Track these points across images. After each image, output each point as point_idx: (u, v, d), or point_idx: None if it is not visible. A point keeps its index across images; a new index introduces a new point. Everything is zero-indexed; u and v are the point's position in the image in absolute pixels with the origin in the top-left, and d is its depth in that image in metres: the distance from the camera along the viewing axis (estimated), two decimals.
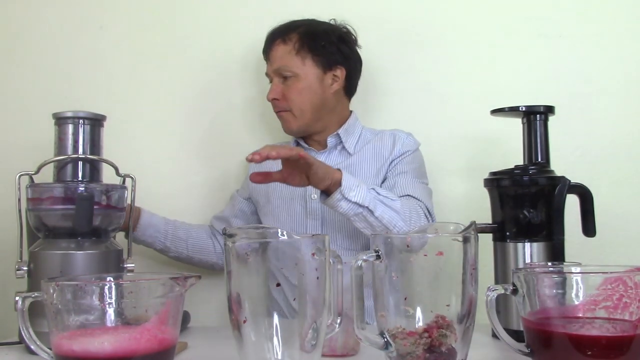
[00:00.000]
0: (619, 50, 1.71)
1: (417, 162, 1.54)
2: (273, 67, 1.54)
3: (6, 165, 1.74)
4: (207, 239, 1.62)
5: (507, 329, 0.89)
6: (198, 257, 1.60)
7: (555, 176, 1.18)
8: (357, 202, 1.24)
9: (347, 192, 1.23)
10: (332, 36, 1.55)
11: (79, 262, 1.04)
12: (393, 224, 1.28)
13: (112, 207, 1.09)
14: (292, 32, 1.53)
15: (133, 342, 0.75)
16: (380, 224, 1.27)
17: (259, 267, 0.78)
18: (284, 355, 0.77)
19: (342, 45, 1.56)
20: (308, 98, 1.51)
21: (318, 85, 1.52)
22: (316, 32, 1.54)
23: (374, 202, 1.26)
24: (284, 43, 1.53)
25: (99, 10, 1.82)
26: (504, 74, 1.73)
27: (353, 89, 1.62)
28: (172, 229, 1.55)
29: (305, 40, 1.52)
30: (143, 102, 1.80)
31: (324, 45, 1.53)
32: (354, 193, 1.23)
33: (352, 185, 1.24)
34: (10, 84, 1.82)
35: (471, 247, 0.81)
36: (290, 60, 1.51)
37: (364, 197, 1.24)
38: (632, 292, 0.79)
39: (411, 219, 1.31)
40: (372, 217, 1.26)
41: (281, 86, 1.53)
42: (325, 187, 1.24)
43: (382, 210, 1.27)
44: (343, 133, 1.56)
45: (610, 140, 1.70)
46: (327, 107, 1.55)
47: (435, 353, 0.79)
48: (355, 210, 1.25)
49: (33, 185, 1.08)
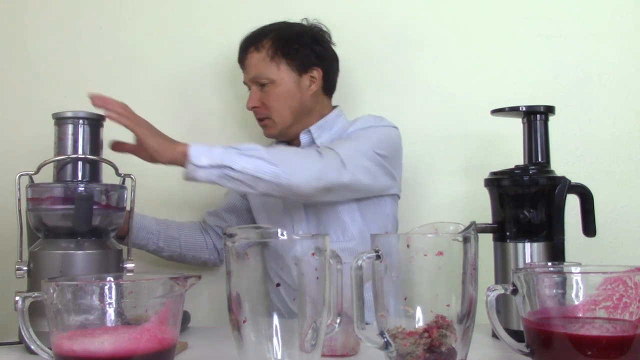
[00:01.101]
0: (619, 50, 1.71)
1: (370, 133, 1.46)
2: (249, 75, 1.54)
3: (6, 165, 1.75)
4: (199, 235, 1.62)
5: (507, 329, 0.89)
6: (191, 255, 1.61)
7: (555, 176, 1.18)
8: (211, 165, 1.18)
9: (196, 159, 1.17)
10: (304, 38, 1.53)
11: (78, 262, 1.04)
12: (262, 171, 1.20)
13: (111, 207, 1.09)
14: (264, 39, 1.52)
15: (133, 342, 0.75)
16: (247, 176, 1.20)
17: (258, 267, 0.78)
18: (283, 355, 0.77)
19: (316, 46, 1.54)
20: (287, 103, 1.51)
21: (296, 89, 1.52)
22: (288, 35, 1.53)
23: (230, 157, 1.19)
24: (257, 51, 1.52)
25: (99, 11, 1.82)
26: (504, 74, 1.73)
27: (332, 87, 1.60)
28: (164, 229, 1.56)
29: (278, 46, 1.51)
30: (142, 102, 1.80)
31: (297, 48, 1.51)
32: (206, 157, 1.17)
33: (202, 152, 1.18)
34: (10, 84, 1.81)
35: (471, 247, 0.81)
36: (265, 67, 1.51)
37: (217, 157, 1.18)
38: (632, 292, 0.79)
39: (298, 161, 1.26)
40: (234, 172, 1.19)
41: (259, 94, 1.52)
42: (167, 161, 1.18)
43: (243, 162, 1.20)
44: (315, 129, 1.54)
45: (610, 140, 1.70)
46: (307, 109, 1.54)
47: (435, 353, 0.79)
48: (215, 174, 1.19)
49: (33, 185, 1.08)
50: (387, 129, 1.50)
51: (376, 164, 1.41)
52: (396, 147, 1.50)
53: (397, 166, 1.51)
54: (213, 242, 1.63)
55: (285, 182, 1.22)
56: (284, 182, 1.22)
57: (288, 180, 1.22)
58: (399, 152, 1.52)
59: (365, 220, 1.48)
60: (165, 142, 1.18)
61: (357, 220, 1.47)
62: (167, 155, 1.17)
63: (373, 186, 1.43)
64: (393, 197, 1.53)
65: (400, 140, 1.52)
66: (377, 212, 1.49)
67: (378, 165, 1.42)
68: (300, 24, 1.58)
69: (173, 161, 1.18)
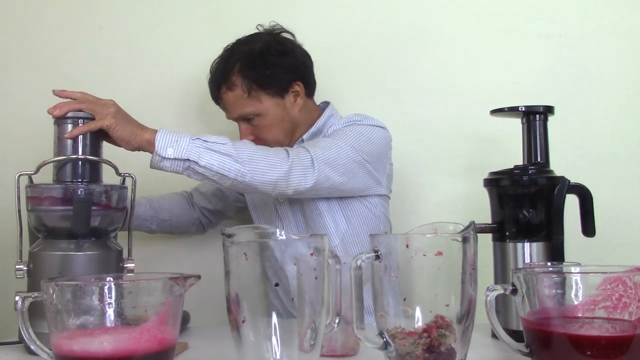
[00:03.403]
0: (619, 50, 1.71)
1: (350, 131, 1.42)
2: (233, 115, 1.50)
3: (6, 165, 1.75)
4: (188, 212, 1.66)
5: (506, 329, 0.89)
6: (180, 231, 1.69)
7: (555, 176, 1.18)
8: (177, 157, 1.16)
9: (163, 150, 1.16)
10: (271, 58, 1.46)
11: (78, 263, 1.04)
12: (227, 169, 1.19)
13: (111, 208, 1.09)
14: (232, 75, 1.46)
15: (133, 342, 0.75)
16: (212, 172, 1.19)
17: (257, 267, 0.78)
18: (282, 355, 0.77)
19: (285, 59, 1.48)
20: (279, 129, 1.49)
21: (283, 113, 1.49)
22: (255, 62, 1.46)
23: (197, 151, 1.17)
24: (231, 90, 1.47)
25: (99, 11, 1.82)
26: (504, 74, 1.73)
27: (313, 88, 1.56)
28: (157, 213, 1.58)
29: (251, 78, 1.45)
30: (142, 102, 1.80)
31: (270, 73, 1.46)
32: (172, 149, 1.16)
33: (169, 142, 1.16)
34: (10, 84, 1.82)
35: (470, 247, 0.81)
36: (246, 104, 1.47)
37: (184, 150, 1.16)
38: (632, 292, 0.79)
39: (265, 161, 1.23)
40: (200, 167, 1.18)
41: (250, 128, 1.49)
42: (133, 148, 1.17)
43: (209, 158, 1.18)
44: (308, 137, 1.52)
45: (610, 140, 1.70)
46: (299, 123, 1.52)
47: (434, 353, 0.79)
48: (181, 166, 1.18)
49: (32, 186, 1.08)
50: (371, 127, 1.44)
51: (353, 161, 1.37)
52: (379, 147, 1.45)
53: (380, 166, 1.47)
54: (199, 218, 1.69)
55: (250, 182, 1.22)
56: (249, 181, 1.22)
57: (252, 180, 1.22)
58: (383, 152, 1.47)
59: (349, 222, 1.46)
60: (132, 128, 1.16)
61: (341, 223, 1.45)
62: (134, 143, 1.16)
63: (348, 184, 1.38)
64: (382, 197, 1.51)
65: (386, 139, 1.48)
66: (365, 214, 1.48)
67: (355, 163, 1.38)
68: (259, 37, 1.50)
69: (140, 148, 1.18)
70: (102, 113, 1.12)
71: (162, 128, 1.18)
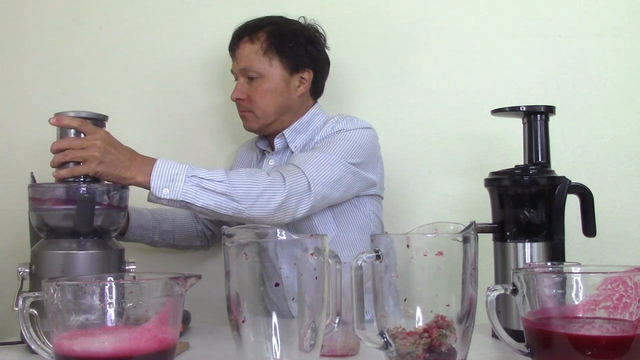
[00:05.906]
0: (619, 49, 1.71)
1: (340, 140, 1.41)
2: (239, 65, 1.51)
3: (6, 165, 1.75)
4: (191, 224, 1.65)
5: (507, 329, 0.89)
6: (183, 244, 1.66)
7: (555, 176, 1.18)
8: (173, 199, 1.16)
9: (158, 192, 1.15)
10: (300, 37, 1.50)
11: (80, 262, 1.05)
12: (223, 208, 1.19)
13: (113, 207, 1.10)
14: (260, 31, 1.49)
15: (133, 342, 0.75)
16: (209, 211, 1.20)
17: (257, 267, 0.79)
18: (282, 355, 0.77)
19: (310, 47, 1.52)
20: (273, 100, 1.49)
21: (284, 88, 1.49)
22: (284, 32, 1.50)
23: (193, 192, 1.17)
24: (251, 42, 1.49)
25: (99, 11, 1.82)
26: (504, 74, 1.73)
27: (320, 90, 1.58)
28: (159, 224, 1.56)
29: (273, 41, 1.48)
30: (141, 102, 1.80)
31: (292, 46, 1.49)
32: (168, 189, 1.15)
33: (164, 182, 1.15)
34: (10, 84, 1.82)
35: (471, 247, 0.81)
36: (257, 60, 1.48)
37: (179, 191, 1.16)
38: (632, 292, 0.79)
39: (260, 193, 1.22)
40: (197, 207, 1.18)
41: (246, 86, 1.50)
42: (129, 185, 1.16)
43: (205, 199, 1.18)
44: (289, 133, 1.52)
45: (610, 140, 1.70)
46: (292, 110, 1.52)
47: (435, 353, 0.79)
48: (178, 204, 1.18)
49: (35, 186, 1.08)
50: (358, 131, 1.44)
51: (348, 172, 1.37)
52: (370, 150, 1.45)
53: (373, 168, 1.47)
54: (203, 230, 1.67)
55: (247, 217, 1.22)
56: (246, 217, 1.22)
57: (250, 215, 1.22)
58: (374, 153, 1.48)
59: (338, 222, 1.46)
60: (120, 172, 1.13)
61: (329, 222, 1.45)
62: (130, 183, 1.15)
63: (345, 196, 1.41)
64: (373, 197, 1.51)
65: (374, 139, 1.48)
66: (355, 215, 1.48)
67: (350, 174, 1.38)
68: (298, 22, 1.55)
69: (136, 186, 1.16)
70: (88, 158, 1.10)
71: (156, 163, 1.16)
